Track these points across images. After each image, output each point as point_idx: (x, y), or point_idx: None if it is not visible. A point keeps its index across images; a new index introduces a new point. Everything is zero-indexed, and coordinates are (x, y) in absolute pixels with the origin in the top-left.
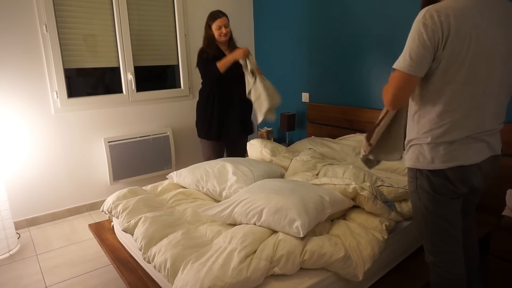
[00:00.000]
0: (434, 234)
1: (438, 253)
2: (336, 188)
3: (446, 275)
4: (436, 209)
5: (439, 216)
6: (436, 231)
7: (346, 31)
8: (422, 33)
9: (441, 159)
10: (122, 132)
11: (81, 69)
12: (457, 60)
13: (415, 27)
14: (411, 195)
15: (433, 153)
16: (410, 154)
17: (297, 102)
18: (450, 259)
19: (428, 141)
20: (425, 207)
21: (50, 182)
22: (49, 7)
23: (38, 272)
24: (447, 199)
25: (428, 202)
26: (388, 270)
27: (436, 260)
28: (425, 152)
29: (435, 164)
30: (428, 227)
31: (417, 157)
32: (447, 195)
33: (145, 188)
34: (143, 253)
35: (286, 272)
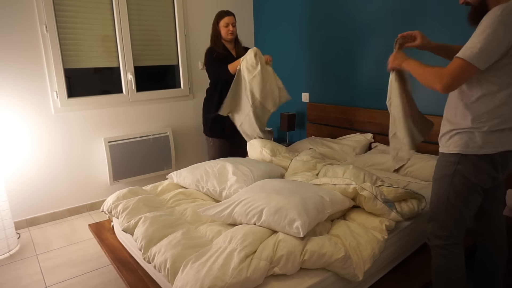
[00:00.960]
0: (451, 218)
1: (447, 237)
2: (336, 188)
3: (451, 256)
4: (465, 195)
5: (465, 203)
6: (455, 215)
7: (346, 31)
8: (497, 30)
9: (491, 145)
10: (122, 132)
11: (81, 69)
12: None
13: (490, 22)
14: (441, 180)
15: (485, 140)
16: (456, 140)
17: (297, 102)
18: (456, 243)
19: (484, 129)
20: (455, 191)
21: (50, 182)
22: (49, 7)
23: (38, 272)
24: (480, 185)
25: (461, 186)
26: (388, 270)
27: (442, 243)
28: (476, 138)
29: (485, 149)
30: (447, 210)
31: (466, 143)
32: (484, 182)
33: (145, 188)
34: (143, 253)
35: (286, 272)
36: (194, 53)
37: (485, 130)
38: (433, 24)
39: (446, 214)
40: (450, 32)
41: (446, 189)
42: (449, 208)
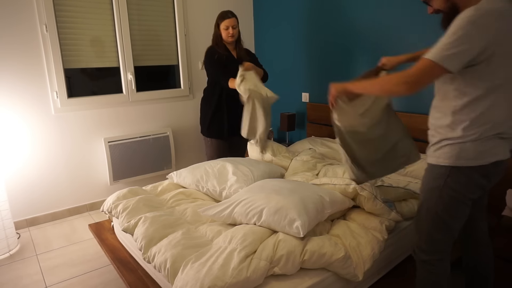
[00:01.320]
0: (438, 232)
1: (435, 252)
2: (336, 188)
3: (437, 271)
4: (453, 208)
5: (453, 217)
6: (442, 229)
7: (346, 31)
8: (468, 31)
9: (484, 155)
10: (122, 132)
11: (81, 69)
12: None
13: (461, 23)
14: (429, 192)
15: (477, 150)
16: (446, 151)
17: (297, 102)
18: (444, 258)
19: (475, 138)
20: (444, 205)
21: (50, 182)
22: (49, 7)
23: (38, 272)
24: (470, 197)
25: (450, 200)
26: (388, 270)
27: (430, 258)
28: (469, 149)
29: (478, 160)
30: (434, 224)
31: (457, 155)
32: (474, 194)
33: (145, 188)
34: (143, 253)
35: (286, 272)
36: (194, 53)
37: (477, 138)
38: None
39: (433, 228)
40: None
41: (434, 202)
42: (437, 222)
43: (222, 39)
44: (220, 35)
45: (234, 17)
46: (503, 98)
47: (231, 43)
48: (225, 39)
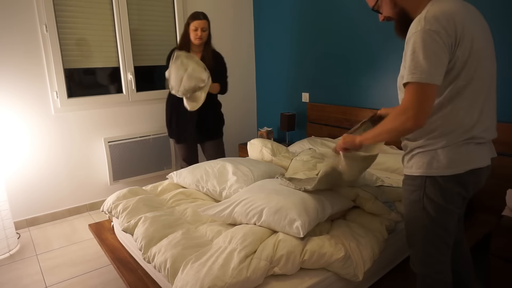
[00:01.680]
0: (431, 245)
1: (431, 264)
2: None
3: (438, 285)
4: (441, 219)
5: (441, 226)
6: (435, 241)
7: (346, 31)
8: (428, 42)
9: (458, 163)
10: (122, 132)
11: (81, 69)
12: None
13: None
14: (412, 205)
15: (449, 157)
16: (417, 160)
17: (297, 102)
18: (442, 269)
19: (442, 144)
20: (429, 217)
21: (50, 182)
22: (49, 7)
23: (38, 272)
24: (454, 208)
25: (433, 212)
26: (388, 270)
27: (428, 271)
28: (440, 157)
29: (452, 169)
30: (426, 238)
31: (429, 163)
32: (456, 204)
33: (145, 188)
34: (143, 253)
35: (286, 272)
36: None
37: (445, 145)
38: None
39: (425, 242)
40: None
41: (419, 216)
42: (427, 235)
43: (189, 40)
44: (187, 35)
45: (205, 20)
46: (469, 100)
47: (198, 45)
48: (192, 40)
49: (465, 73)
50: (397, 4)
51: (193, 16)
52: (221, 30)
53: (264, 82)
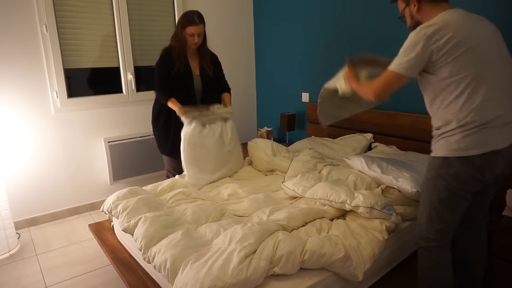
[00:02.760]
0: (435, 223)
1: (431, 239)
2: (333, 205)
3: (435, 258)
4: (449, 201)
5: (448, 208)
6: (438, 222)
7: (346, 31)
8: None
9: (473, 146)
10: (122, 132)
11: (81, 69)
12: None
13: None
14: (426, 182)
15: (466, 141)
16: (440, 144)
17: (297, 102)
18: (440, 246)
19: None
20: (438, 195)
21: (50, 182)
22: (49, 7)
23: (38, 272)
24: (464, 191)
25: (444, 191)
26: (388, 270)
27: (426, 245)
28: (459, 141)
29: (468, 151)
30: (430, 217)
31: (448, 146)
32: (469, 186)
33: (145, 188)
34: (143, 253)
35: (286, 272)
36: None
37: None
38: None
39: (429, 218)
40: None
41: (430, 192)
42: (432, 212)
43: (185, 44)
44: (183, 40)
45: (202, 24)
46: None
47: (192, 49)
48: (188, 45)
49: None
50: (413, 17)
51: (189, 20)
52: (221, 30)
53: (264, 82)
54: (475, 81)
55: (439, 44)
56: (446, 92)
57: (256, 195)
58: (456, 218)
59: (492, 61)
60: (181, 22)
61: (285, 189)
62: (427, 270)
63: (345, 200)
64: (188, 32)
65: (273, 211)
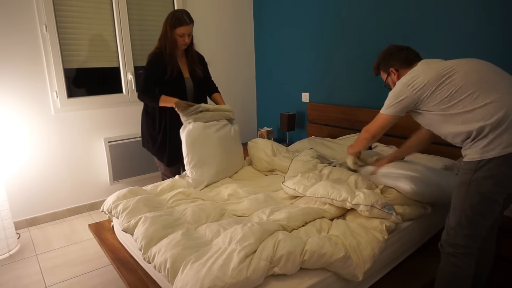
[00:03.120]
0: (464, 231)
1: (460, 246)
2: (334, 203)
3: (460, 264)
4: (481, 207)
5: (481, 215)
6: (468, 228)
7: (346, 31)
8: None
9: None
10: (122, 132)
11: (81, 69)
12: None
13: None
14: (459, 186)
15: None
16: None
17: (297, 102)
18: (469, 253)
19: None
20: (470, 200)
21: (50, 182)
22: (49, 7)
23: (38, 272)
24: (498, 197)
25: (476, 195)
26: (388, 270)
27: (454, 251)
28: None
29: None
30: (460, 223)
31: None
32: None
33: (145, 188)
34: (143, 253)
35: (286, 272)
36: None
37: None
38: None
39: (458, 224)
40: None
41: (462, 197)
42: (462, 218)
43: (175, 45)
44: (173, 41)
45: (192, 23)
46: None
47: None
48: (179, 46)
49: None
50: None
51: (179, 20)
52: (221, 30)
53: (264, 82)
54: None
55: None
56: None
57: (256, 195)
58: (487, 223)
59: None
60: (171, 22)
61: (285, 188)
62: (452, 276)
63: (346, 198)
64: (178, 33)
65: (273, 211)
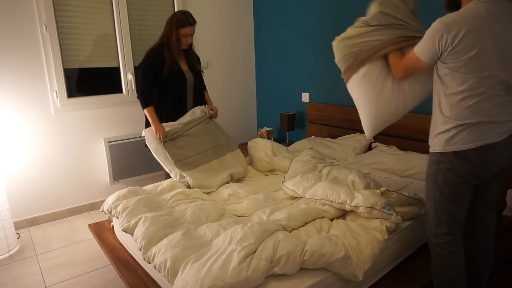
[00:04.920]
0: (441, 218)
1: (441, 234)
2: (333, 205)
3: (446, 253)
4: (450, 194)
5: (451, 201)
6: (444, 215)
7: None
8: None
9: (466, 140)
10: (122, 132)
11: (81, 69)
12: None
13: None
14: (428, 178)
15: (462, 136)
16: (437, 139)
17: (297, 102)
18: (451, 241)
19: (455, 127)
20: (440, 190)
21: (50, 182)
22: (49, 7)
23: (38, 272)
24: (463, 186)
25: (444, 185)
26: (388, 270)
27: (438, 241)
28: (455, 136)
29: (461, 145)
30: (437, 211)
31: (446, 142)
32: (466, 180)
33: (145, 188)
34: (143, 253)
35: (286, 272)
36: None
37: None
38: None
39: (435, 213)
40: None
41: (432, 188)
42: (437, 206)
43: (178, 45)
44: (176, 42)
45: (195, 24)
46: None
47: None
48: (182, 46)
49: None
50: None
51: (183, 21)
52: (220, 30)
53: (264, 82)
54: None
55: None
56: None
57: (256, 195)
58: (461, 209)
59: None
60: (176, 23)
61: (285, 189)
62: (440, 266)
63: (345, 200)
64: (182, 33)
65: (273, 211)
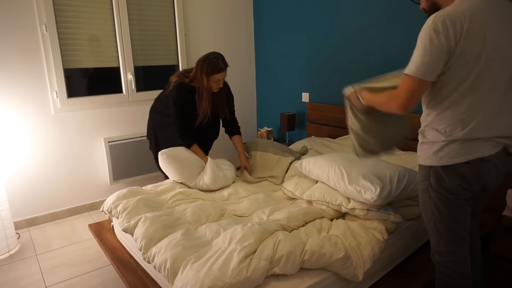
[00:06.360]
0: (442, 235)
1: (444, 253)
2: (330, 206)
3: (452, 274)
4: (447, 210)
5: (450, 218)
6: (444, 232)
7: (347, 31)
8: (433, 39)
9: (454, 155)
10: (122, 132)
11: (81, 69)
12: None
13: (425, 33)
14: (421, 194)
15: (447, 149)
16: (424, 151)
17: (297, 102)
18: (457, 259)
19: (444, 139)
20: (436, 207)
21: (50, 182)
22: (49, 7)
23: (38, 272)
24: (459, 200)
25: (439, 202)
26: (388, 270)
27: (442, 260)
28: (439, 148)
29: (454, 159)
30: (436, 228)
31: (433, 155)
32: (460, 196)
33: (145, 188)
34: (143, 253)
35: (286, 272)
36: (194, 53)
37: (448, 139)
38: None
39: (435, 229)
40: None
41: (428, 204)
42: (436, 223)
43: (209, 91)
44: (207, 88)
45: (227, 67)
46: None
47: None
48: (212, 90)
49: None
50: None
51: (216, 67)
52: (221, 30)
53: (264, 82)
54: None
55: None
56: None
57: (256, 195)
58: (463, 225)
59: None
60: (207, 69)
61: (284, 190)
62: (444, 285)
63: (341, 202)
64: (213, 79)
65: (273, 211)
